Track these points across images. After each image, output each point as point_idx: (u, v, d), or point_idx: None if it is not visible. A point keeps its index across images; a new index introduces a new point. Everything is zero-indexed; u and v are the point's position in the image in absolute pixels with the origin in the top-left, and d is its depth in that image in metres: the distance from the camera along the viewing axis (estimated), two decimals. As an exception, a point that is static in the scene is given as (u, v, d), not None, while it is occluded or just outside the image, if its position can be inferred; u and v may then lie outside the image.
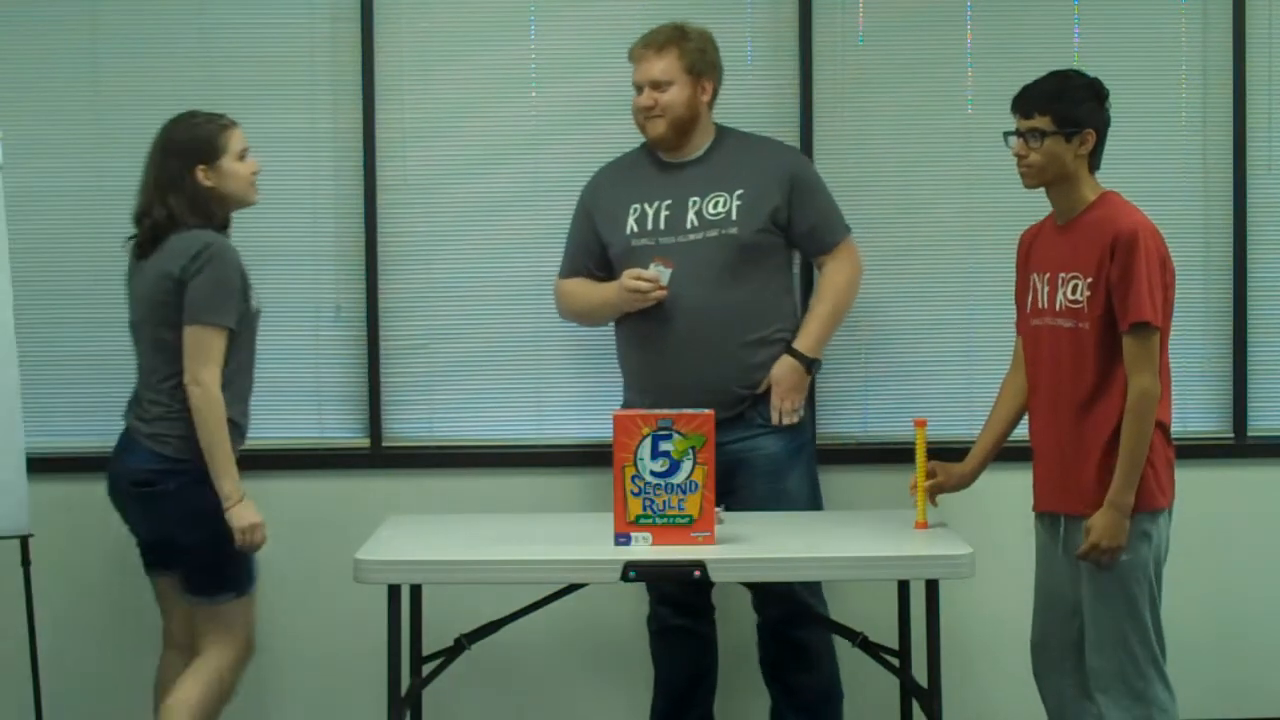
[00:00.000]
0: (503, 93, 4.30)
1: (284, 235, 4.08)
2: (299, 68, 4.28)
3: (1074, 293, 3.35)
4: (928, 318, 4.28)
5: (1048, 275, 3.43)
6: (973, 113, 4.32)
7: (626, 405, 3.90)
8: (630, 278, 3.74)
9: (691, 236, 3.78)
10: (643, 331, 3.82)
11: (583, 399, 4.30)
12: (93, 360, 4.27)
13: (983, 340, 4.25)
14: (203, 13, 4.26)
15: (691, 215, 3.79)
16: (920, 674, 3.43)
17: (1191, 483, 3.49)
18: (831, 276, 3.87)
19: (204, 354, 3.45)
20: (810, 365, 3.82)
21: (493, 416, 4.31)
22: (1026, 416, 3.55)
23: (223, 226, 3.60)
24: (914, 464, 3.52)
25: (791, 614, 3.87)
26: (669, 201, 3.83)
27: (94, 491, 4.22)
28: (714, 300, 3.75)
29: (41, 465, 3.95)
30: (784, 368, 3.79)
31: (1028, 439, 3.57)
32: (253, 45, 4.27)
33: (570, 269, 3.98)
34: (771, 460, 3.80)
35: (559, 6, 4.31)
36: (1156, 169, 4.28)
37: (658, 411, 3.29)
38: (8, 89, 4.22)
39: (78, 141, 4.26)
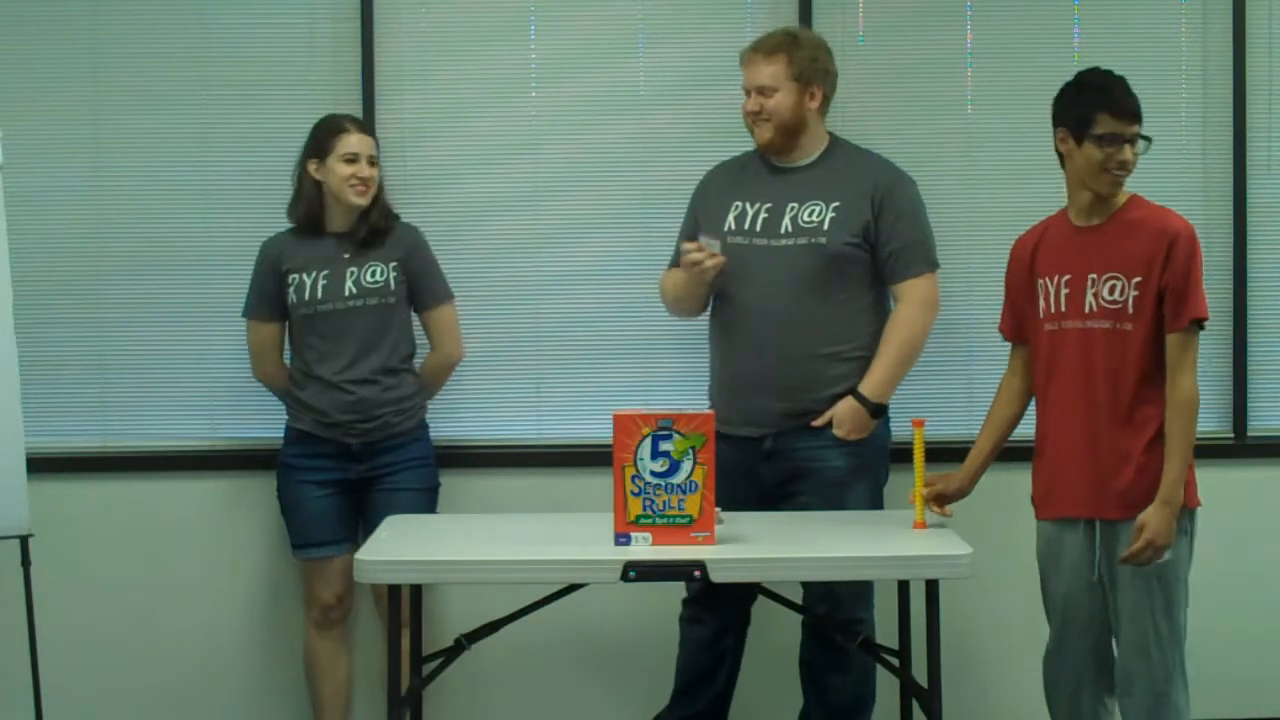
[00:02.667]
0: (503, 93, 4.30)
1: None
2: (299, 68, 4.28)
3: (1114, 293, 3.34)
4: (927, 318, 4.28)
5: (1067, 277, 3.40)
6: (973, 113, 4.33)
7: (710, 393, 3.93)
8: (684, 250, 3.75)
9: (784, 241, 3.78)
10: (726, 325, 3.86)
11: (583, 399, 4.30)
12: (93, 360, 4.28)
13: (983, 340, 4.24)
14: (203, 13, 4.26)
15: (787, 220, 3.79)
16: (920, 674, 3.43)
17: (1191, 483, 3.49)
18: (899, 315, 3.81)
19: None
20: (875, 410, 3.77)
21: (493, 416, 4.31)
22: (1039, 420, 3.52)
23: (297, 226, 4.02)
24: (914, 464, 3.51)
25: (828, 615, 3.81)
26: (769, 204, 3.82)
27: (94, 491, 4.25)
28: (792, 307, 3.75)
29: (41, 465, 3.94)
30: (847, 409, 3.74)
31: (1029, 439, 3.57)
32: (253, 45, 4.27)
33: (674, 262, 3.98)
34: (836, 473, 3.77)
35: (559, 6, 4.31)
36: (1156, 169, 4.25)
37: (658, 411, 3.29)
38: (8, 89, 4.22)
39: (78, 141, 4.26)
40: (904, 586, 3.64)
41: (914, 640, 3.58)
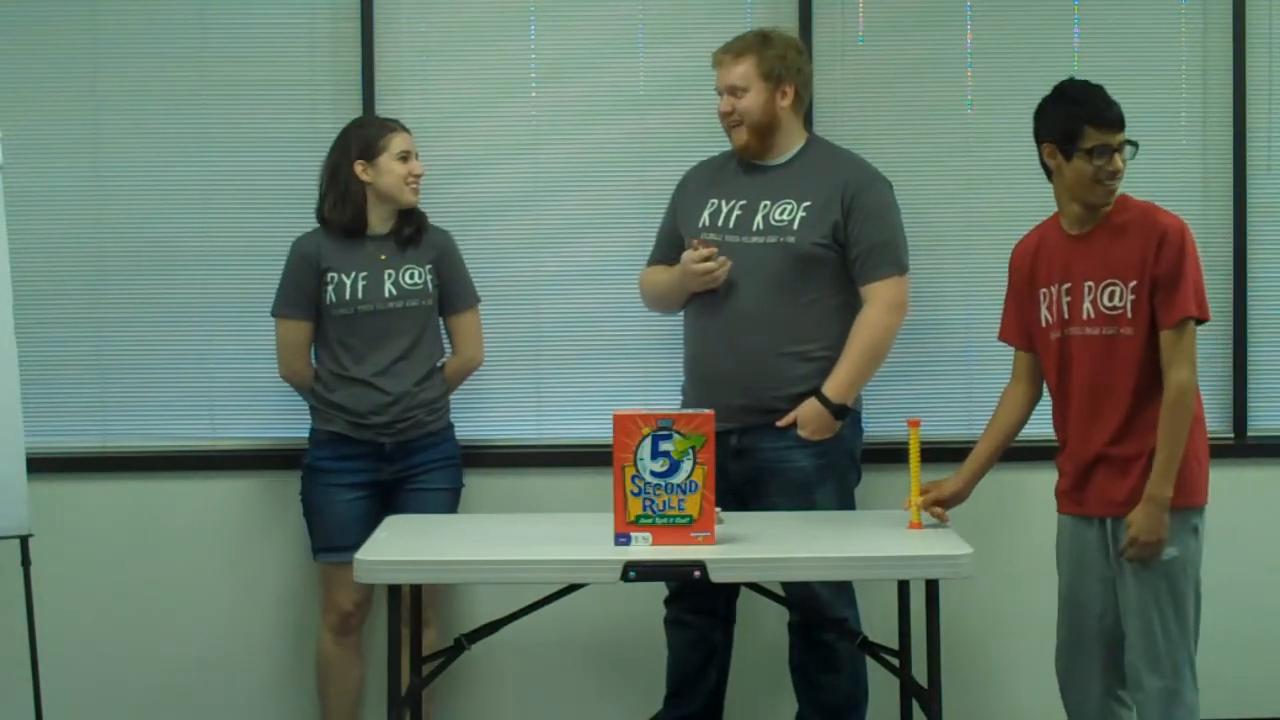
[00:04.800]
0: (503, 93, 4.31)
1: (285, 235, 4.06)
2: (299, 68, 4.28)
3: (1113, 299, 3.34)
4: (927, 318, 4.27)
5: (1067, 285, 3.41)
6: (973, 113, 4.33)
7: (683, 390, 3.95)
8: (693, 260, 3.76)
9: (755, 239, 3.79)
10: (696, 320, 3.88)
11: (583, 399, 4.30)
12: (93, 360, 4.27)
13: (982, 340, 4.23)
14: (203, 13, 4.26)
15: (759, 219, 3.80)
16: (920, 674, 3.43)
17: (1191, 483, 3.49)
18: (864, 317, 3.79)
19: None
20: (838, 412, 3.77)
21: (493, 416, 4.31)
22: (1057, 419, 3.51)
23: (336, 227, 3.96)
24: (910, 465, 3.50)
25: (812, 615, 3.84)
26: (743, 202, 3.84)
27: (94, 491, 4.25)
28: (760, 305, 3.76)
29: (41, 465, 3.94)
30: (810, 410, 3.75)
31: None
32: (253, 45, 4.27)
33: (654, 258, 4.02)
34: (801, 474, 3.79)
35: (559, 6, 4.31)
36: (1156, 169, 4.26)
37: (657, 411, 3.29)
38: (8, 89, 4.22)
39: (78, 141, 4.26)
40: (904, 586, 3.64)
41: (914, 640, 3.58)
